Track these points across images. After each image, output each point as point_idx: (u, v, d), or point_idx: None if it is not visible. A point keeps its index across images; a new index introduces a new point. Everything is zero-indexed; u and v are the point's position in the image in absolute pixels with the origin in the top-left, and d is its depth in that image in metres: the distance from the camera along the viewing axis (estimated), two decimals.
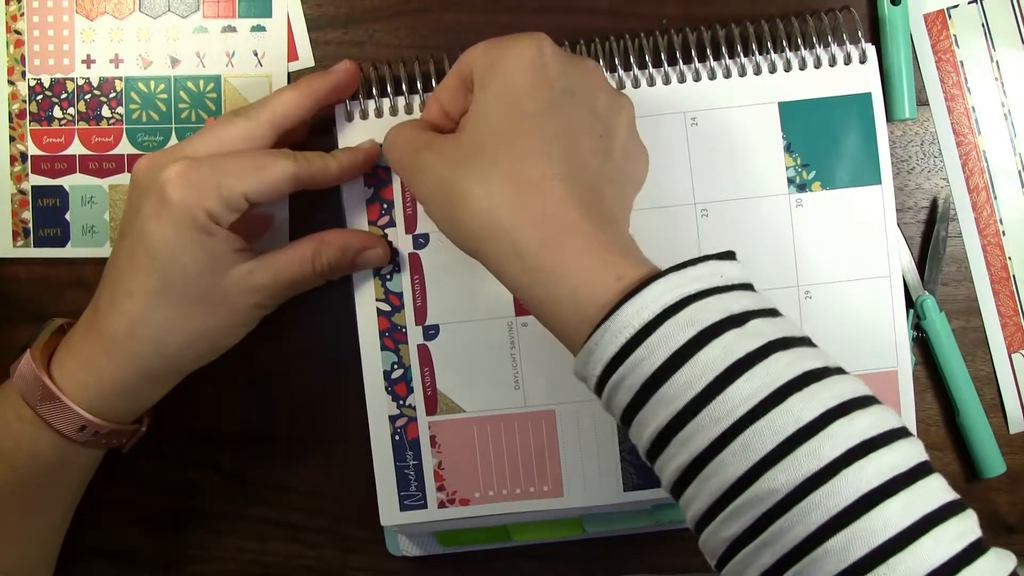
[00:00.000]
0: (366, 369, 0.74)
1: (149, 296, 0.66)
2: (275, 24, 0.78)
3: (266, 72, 0.79)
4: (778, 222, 0.72)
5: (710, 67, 0.72)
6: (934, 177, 0.76)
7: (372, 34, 0.77)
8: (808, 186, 0.71)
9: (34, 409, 0.68)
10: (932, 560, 0.49)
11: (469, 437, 0.74)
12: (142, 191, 0.67)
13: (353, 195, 0.74)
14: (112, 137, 0.79)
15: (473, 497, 0.74)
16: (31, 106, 0.79)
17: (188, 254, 0.66)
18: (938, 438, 0.77)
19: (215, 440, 0.80)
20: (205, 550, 0.81)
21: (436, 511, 0.74)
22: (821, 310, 0.72)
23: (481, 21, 0.77)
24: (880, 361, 0.72)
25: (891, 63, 0.75)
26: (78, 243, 0.80)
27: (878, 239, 0.71)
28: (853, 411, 0.52)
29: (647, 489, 0.73)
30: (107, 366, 0.68)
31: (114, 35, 0.79)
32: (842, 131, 0.71)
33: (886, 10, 0.75)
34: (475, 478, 0.74)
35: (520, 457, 0.73)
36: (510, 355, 0.73)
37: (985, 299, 0.76)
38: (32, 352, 0.69)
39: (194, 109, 0.79)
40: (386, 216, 0.73)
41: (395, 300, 0.74)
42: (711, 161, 0.72)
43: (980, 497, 0.77)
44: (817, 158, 0.72)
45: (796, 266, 0.71)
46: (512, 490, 0.73)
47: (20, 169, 0.79)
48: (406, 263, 0.73)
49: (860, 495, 0.50)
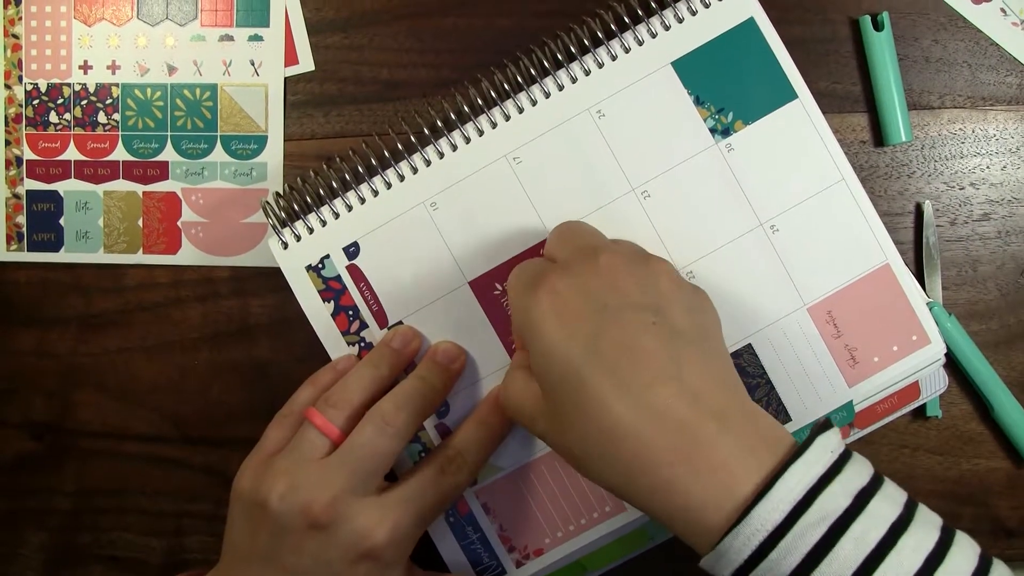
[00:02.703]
0: (399, 471, 0.73)
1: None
2: (272, 33, 0.78)
3: (263, 81, 0.79)
4: (718, 173, 0.71)
5: (595, 56, 0.71)
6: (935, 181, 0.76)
7: (372, 38, 0.78)
8: (731, 128, 0.71)
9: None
10: None
11: (517, 490, 0.73)
12: (332, 542, 0.67)
13: (316, 314, 0.73)
14: (107, 143, 0.79)
15: (544, 544, 0.73)
16: (27, 110, 0.79)
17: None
18: (953, 442, 0.77)
19: (215, 443, 0.80)
20: (205, 554, 0.81)
21: (516, 572, 0.74)
22: (793, 238, 0.71)
23: (481, 25, 0.77)
24: (869, 261, 0.71)
25: (880, 88, 0.75)
26: (72, 248, 0.80)
27: (817, 149, 0.71)
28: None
29: None
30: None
31: (112, 41, 0.79)
32: (740, 65, 0.71)
33: (871, 36, 0.75)
34: (539, 526, 0.73)
35: (572, 489, 0.73)
36: None
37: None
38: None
39: (190, 117, 0.79)
40: (355, 321, 0.73)
41: None
42: (631, 143, 0.71)
43: (981, 502, 0.77)
44: (729, 99, 0.71)
45: (752, 207, 0.71)
46: (578, 522, 0.73)
47: (15, 173, 0.79)
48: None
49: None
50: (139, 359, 0.80)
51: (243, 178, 0.79)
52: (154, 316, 0.80)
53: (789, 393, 0.71)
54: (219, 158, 0.79)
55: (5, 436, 0.82)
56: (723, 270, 0.71)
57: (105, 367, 0.81)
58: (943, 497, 0.77)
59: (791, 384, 0.71)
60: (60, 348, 0.81)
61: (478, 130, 0.71)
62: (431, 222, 0.72)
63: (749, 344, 0.71)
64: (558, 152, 0.71)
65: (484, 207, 0.72)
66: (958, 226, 0.77)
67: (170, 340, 0.80)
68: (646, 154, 0.71)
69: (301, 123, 0.79)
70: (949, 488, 0.77)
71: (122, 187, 0.79)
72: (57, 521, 0.81)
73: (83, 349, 0.81)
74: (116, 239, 0.80)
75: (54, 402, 0.81)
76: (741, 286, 0.71)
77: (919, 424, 0.77)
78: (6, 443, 0.82)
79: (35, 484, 0.82)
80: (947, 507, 0.77)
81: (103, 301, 0.80)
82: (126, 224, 0.80)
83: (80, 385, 0.81)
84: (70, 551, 0.76)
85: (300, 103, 0.79)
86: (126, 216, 0.80)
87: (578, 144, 0.71)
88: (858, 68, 0.76)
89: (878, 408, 0.73)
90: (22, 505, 0.82)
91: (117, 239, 0.80)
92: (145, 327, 0.80)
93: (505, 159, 0.71)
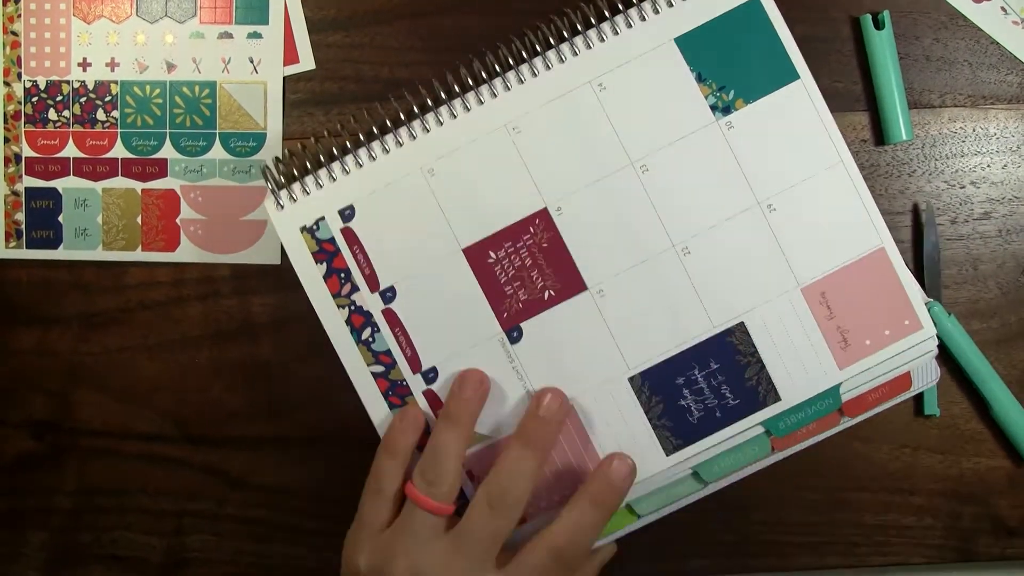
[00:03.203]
0: (381, 431, 0.73)
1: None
2: (271, 31, 0.78)
3: (261, 79, 0.79)
4: (717, 151, 0.71)
5: (599, 30, 0.72)
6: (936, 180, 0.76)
7: (373, 37, 0.77)
8: (732, 106, 0.71)
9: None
10: None
11: None
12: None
13: (309, 275, 0.73)
14: (107, 140, 0.79)
15: (528, 514, 0.73)
16: (26, 108, 0.79)
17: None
18: (954, 441, 0.78)
19: (216, 442, 0.80)
20: (206, 553, 0.80)
21: None
22: (789, 218, 0.71)
23: (483, 24, 0.78)
24: (864, 244, 0.71)
25: (881, 86, 0.75)
26: (71, 245, 0.79)
27: (817, 131, 0.71)
28: None
29: (690, 446, 0.72)
30: None
31: (111, 39, 0.79)
32: (744, 43, 0.71)
33: (872, 35, 0.75)
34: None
35: (559, 462, 0.73)
36: (512, 370, 0.72)
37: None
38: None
39: (189, 114, 0.79)
40: (347, 284, 0.73)
41: (385, 359, 0.73)
42: (632, 117, 0.72)
43: (982, 500, 0.78)
44: (731, 78, 0.71)
45: (750, 185, 0.71)
46: (562, 494, 0.72)
47: (14, 170, 0.79)
48: (383, 321, 0.73)
49: None
50: (140, 358, 0.80)
51: (242, 175, 0.79)
52: (155, 315, 0.80)
53: (779, 373, 0.71)
54: (218, 155, 0.79)
55: (6, 435, 0.81)
56: (719, 247, 0.71)
57: (106, 366, 0.80)
58: (944, 496, 0.78)
59: (782, 364, 0.71)
60: (61, 347, 0.81)
61: (479, 99, 0.71)
62: (428, 188, 0.72)
63: (742, 322, 0.71)
64: (558, 123, 0.71)
65: (481, 175, 0.72)
66: (959, 225, 0.77)
67: (171, 339, 0.80)
68: (646, 129, 0.71)
69: (302, 121, 0.79)
70: (950, 487, 0.77)
71: (121, 184, 0.79)
72: (58, 520, 0.81)
73: (84, 348, 0.80)
74: (115, 236, 0.80)
75: (55, 401, 0.81)
76: (736, 264, 0.71)
77: (920, 423, 0.77)
78: (7, 442, 0.81)
79: (36, 483, 0.81)
80: (948, 506, 0.77)
81: (104, 300, 0.80)
82: (125, 221, 0.79)
83: (81, 384, 0.81)
84: (71, 550, 0.76)
85: (301, 102, 0.79)
86: (125, 213, 0.79)
87: (578, 116, 0.71)
88: (859, 67, 0.76)
89: (868, 397, 0.73)
90: (23, 504, 0.82)
91: (116, 236, 0.80)
92: (146, 326, 0.80)
93: (504, 128, 0.71)
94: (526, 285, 0.72)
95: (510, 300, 0.72)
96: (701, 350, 0.71)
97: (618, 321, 0.72)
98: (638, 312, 0.71)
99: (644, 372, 0.72)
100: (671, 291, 0.71)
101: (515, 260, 0.72)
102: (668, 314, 0.71)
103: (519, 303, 0.72)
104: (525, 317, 0.72)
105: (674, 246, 0.71)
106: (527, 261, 0.72)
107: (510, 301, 0.72)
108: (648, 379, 0.72)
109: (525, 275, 0.72)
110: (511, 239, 0.72)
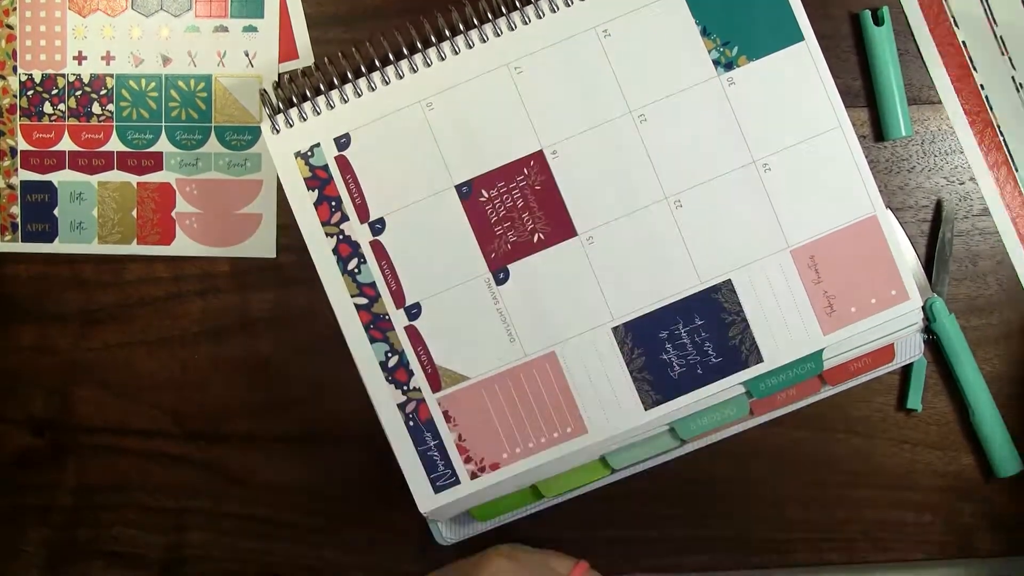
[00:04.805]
0: (361, 366, 0.73)
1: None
2: (267, 25, 0.78)
3: (257, 73, 0.78)
4: (717, 106, 0.72)
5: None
6: (935, 176, 0.77)
7: (373, 33, 0.77)
8: (735, 63, 0.72)
9: None
10: None
11: (481, 402, 0.73)
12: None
13: (299, 201, 0.73)
14: (102, 134, 0.79)
15: (502, 459, 0.73)
16: (22, 101, 0.79)
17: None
18: (953, 438, 0.78)
19: (215, 439, 0.80)
20: (206, 550, 0.81)
21: (470, 483, 0.73)
22: (784, 179, 0.72)
23: None
24: (857, 211, 0.72)
25: (881, 83, 0.76)
26: (66, 239, 0.79)
27: (817, 93, 0.72)
28: None
29: (668, 402, 0.72)
30: None
31: (106, 32, 0.78)
32: (752, 1, 0.72)
33: (871, 31, 0.76)
34: (498, 440, 0.73)
35: (536, 406, 0.73)
36: (496, 311, 0.73)
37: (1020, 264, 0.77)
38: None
39: (184, 108, 0.79)
40: (337, 212, 0.73)
41: (369, 291, 0.73)
42: (634, 66, 0.72)
43: (983, 498, 0.78)
44: (736, 34, 0.72)
45: (747, 143, 0.72)
46: (538, 440, 0.73)
47: (9, 164, 0.79)
48: (370, 253, 0.73)
49: None
50: (139, 354, 0.80)
51: (237, 169, 0.79)
52: (154, 311, 0.80)
53: (764, 333, 0.72)
54: (213, 149, 0.79)
55: (6, 432, 0.81)
56: (711, 202, 0.71)
57: (105, 362, 0.80)
58: (943, 492, 0.78)
59: (767, 325, 0.72)
60: (60, 343, 0.80)
61: (482, 37, 0.72)
62: (425, 121, 0.72)
63: (729, 280, 0.72)
64: (560, 66, 0.72)
65: (480, 113, 0.72)
66: (958, 221, 0.77)
67: (170, 335, 0.80)
68: (647, 78, 0.72)
69: None
70: (949, 483, 0.78)
71: (116, 178, 0.79)
72: (58, 517, 0.81)
73: (83, 344, 0.80)
74: (110, 230, 0.79)
75: (55, 398, 0.81)
76: (727, 220, 0.72)
77: (919, 419, 0.78)
78: (7, 439, 0.81)
79: (36, 480, 0.81)
80: (947, 502, 0.78)
81: (103, 296, 0.80)
82: (120, 215, 0.79)
83: (80, 381, 0.81)
84: (71, 547, 0.76)
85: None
86: (120, 207, 0.79)
87: (580, 61, 0.72)
88: (858, 63, 0.77)
89: (851, 366, 0.74)
90: (23, 501, 0.82)
91: (111, 230, 0.79)
92: (145, 321, 0.80)
93: (506, 68, 0.72)
94: (516, 227, 0.72)
95: (499, 241, 0.72)
96: (686, 305, 0.72)
97: (605, 269, 0.72)
98: (626, 262, 0.72)
99: (628, 323, 0.72)
100: (661, 243, 0.72)
101: (507, 200, 0.72)
102: (656, 266, 0.72)
103: (508, 244, 0.72)
104: (513, 259, 0.72)
105: (667, 198, 0.71)
106: (519, 202, 0.72)
107: (499, 242, 0.72)
108: (631, 331, 0.72)
109: (516, 216, 0.72)
110: (504, 179, 0.72)
